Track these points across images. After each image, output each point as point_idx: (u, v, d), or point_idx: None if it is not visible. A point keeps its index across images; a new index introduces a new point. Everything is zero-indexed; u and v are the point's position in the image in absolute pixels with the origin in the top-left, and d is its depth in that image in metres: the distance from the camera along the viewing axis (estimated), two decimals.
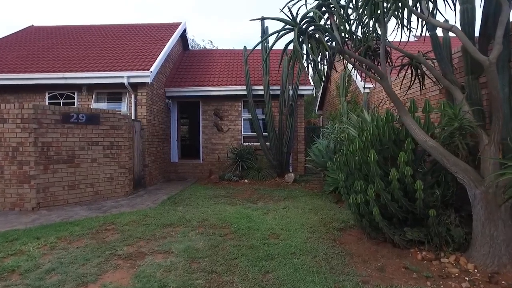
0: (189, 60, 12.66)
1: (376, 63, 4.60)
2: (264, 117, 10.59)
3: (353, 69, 10.31)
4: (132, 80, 8.43)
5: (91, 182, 6.81)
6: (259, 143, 10.46)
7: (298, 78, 10.13)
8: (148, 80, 8.40)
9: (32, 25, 13.01)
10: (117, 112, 7.39)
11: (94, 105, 8.96)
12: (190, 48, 14.07)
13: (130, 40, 10.85)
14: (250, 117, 10.64)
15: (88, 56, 9.50)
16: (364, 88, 9.86)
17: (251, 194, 7.87)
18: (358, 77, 10.04)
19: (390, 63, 4.86)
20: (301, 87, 10.37)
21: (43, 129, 6.16)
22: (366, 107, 9.78)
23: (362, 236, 4.44)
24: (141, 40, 10.78)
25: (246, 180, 9.81)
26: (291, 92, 10.13)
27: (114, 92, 9.12)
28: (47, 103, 8.93)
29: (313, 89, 10.92)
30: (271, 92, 10.17)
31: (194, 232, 4.74)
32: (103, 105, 9.08)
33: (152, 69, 8.49)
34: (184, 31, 12.83)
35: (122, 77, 8.33)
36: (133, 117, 8.74)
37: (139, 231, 4.79)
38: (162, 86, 10.24)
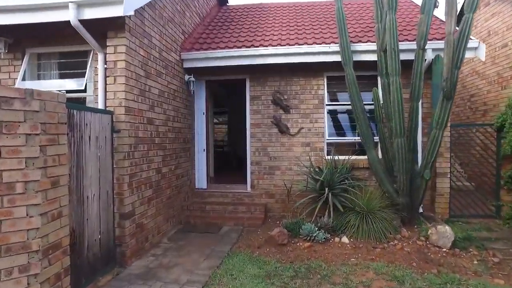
0: (227, 17, 7.57)
1: None
2: (372, 106, 5.21)
3: None
4: (90, 13, 3.46)
5: None
6: (365, 157, 5.18)
7: (469, 24, 4.54)
8: (125, 11, 3.39)
9: None
10: None
11: (28, 82, 4.19)
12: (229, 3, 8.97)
13: None
14: (348, 106, 5.36)
15: None
16: None
17: None
18: None
19: None
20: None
21: None
22: None
23: None
24: None
25: (344, 240, 4.53)
26: (451, 53, 4.56)
27: (70, 54, 4.28)
28: None
29: (477, 47, 5.26)
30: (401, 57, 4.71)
31: None
32: (48, 82, 4.29)
33: None
34: None
35: (64, 4, 3.40)
36: (100, 105, 3.81)
37: None
38: (175, 47, 5.25)
